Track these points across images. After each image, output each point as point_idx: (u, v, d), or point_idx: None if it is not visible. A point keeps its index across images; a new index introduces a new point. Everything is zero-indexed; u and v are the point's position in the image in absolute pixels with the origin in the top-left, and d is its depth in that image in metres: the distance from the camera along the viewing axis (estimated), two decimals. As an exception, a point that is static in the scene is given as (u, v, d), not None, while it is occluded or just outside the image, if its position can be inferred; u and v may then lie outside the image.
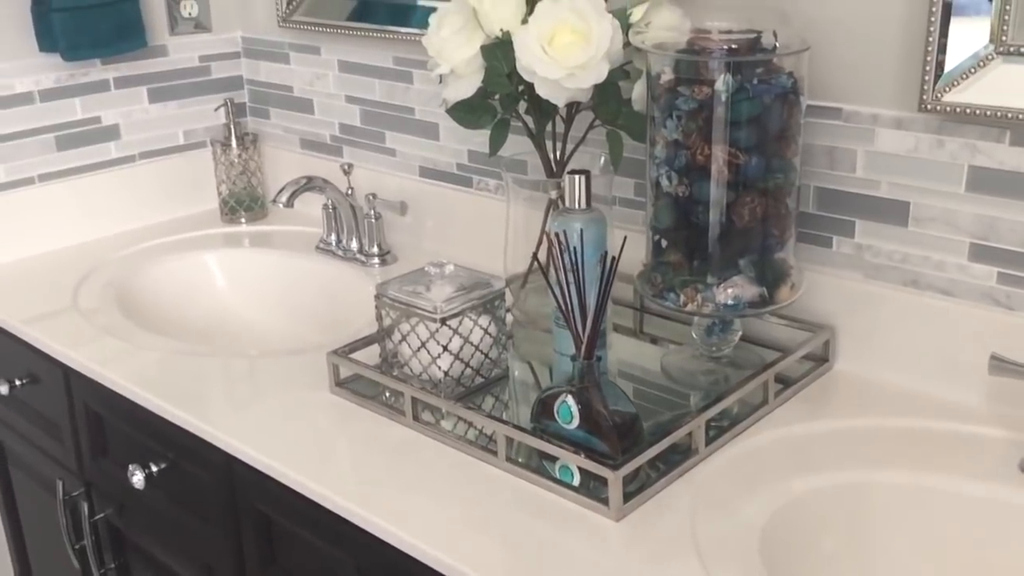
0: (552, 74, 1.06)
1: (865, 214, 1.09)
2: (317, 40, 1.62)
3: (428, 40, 1.16)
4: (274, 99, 1.72)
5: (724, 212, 1.01)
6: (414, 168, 1.55)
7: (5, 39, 1.46)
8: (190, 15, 1.67)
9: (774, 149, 1.00)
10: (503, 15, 1.10)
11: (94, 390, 1.23)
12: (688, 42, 1.00)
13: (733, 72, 0.97)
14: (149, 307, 1.45)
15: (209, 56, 1.70)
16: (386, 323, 1.10)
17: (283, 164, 1.71)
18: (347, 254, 1.53)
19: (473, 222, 1.47)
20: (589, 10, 1.05)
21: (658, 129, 1.03)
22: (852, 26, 1.05)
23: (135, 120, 1.63)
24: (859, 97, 1.06)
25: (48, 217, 1.55)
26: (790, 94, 0.99)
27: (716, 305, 1.03)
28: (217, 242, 1.62)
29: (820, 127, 1.09)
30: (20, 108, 1.50)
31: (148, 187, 1.66)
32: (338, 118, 1.63)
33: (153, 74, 1.64)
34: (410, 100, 1.52)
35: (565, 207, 1.08)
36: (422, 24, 1.44)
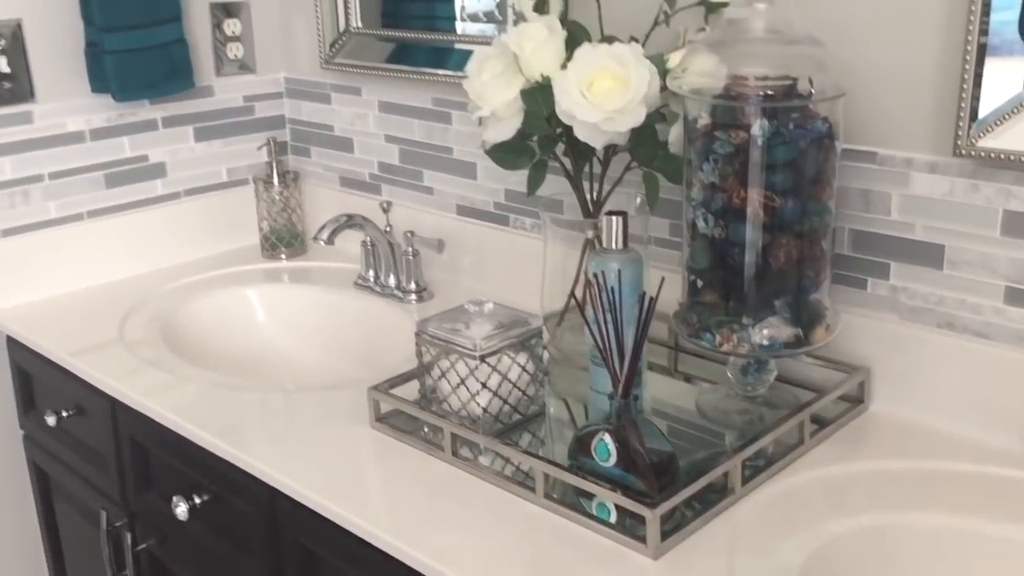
0: (591, 118, 1.08)
1: (900, 256, 1.10)
2: (358, 81, 1.66)
3: (469, 84, 1.19)
4: (315, 138, 1.77)
5: (760, 254, 1.02)
6: (451, 206, 1.58)
7: (59, 80, 1.52)
8: (236, 57, 1.72)
9: (809, 192, 1.02)
10: (544, 60, 1.13)
11: (139, 422, 1.26)
12: (725, 88, 1.02)
13: (769, 117, 0.99)
14: (192, 340, 1.48)
15: (253, 96, 1.75)
16: (426, 359, 1.12)
17: (323, 201, 1.75)
18: (385, 290, 1.55)
19: (509, 260, 1.49)
20: (627, 56, 1.08)
21: (695, 172, 1.05)
22: (887, 71, 1.07)
23: (181, 158, 1.68)
24: (894, 141, 1.08)
25: (96, 252, 1.59)
26: (825, 139, 1.01)
27: (752, 346, 1.04)
28: (258, 277, 1.66)
29: (855, 170, 1.10)
30: (72, 146, 1.55)
31: (192, 223, 1.70)
32: (377, 157, 1.67)
33: (199, 113, 1.69)
34: (448, 140, 1.55)
35: (602, 247, 1.11)
36: (459, 66, 1.49)
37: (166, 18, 1.55)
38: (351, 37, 1.64)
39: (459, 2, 1.53)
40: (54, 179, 1.54)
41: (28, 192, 1.52)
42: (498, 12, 1.48)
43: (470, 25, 1.52)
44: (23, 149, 1.50)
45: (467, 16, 1.53)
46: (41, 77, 1.50)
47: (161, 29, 1.54)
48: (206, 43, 1.67)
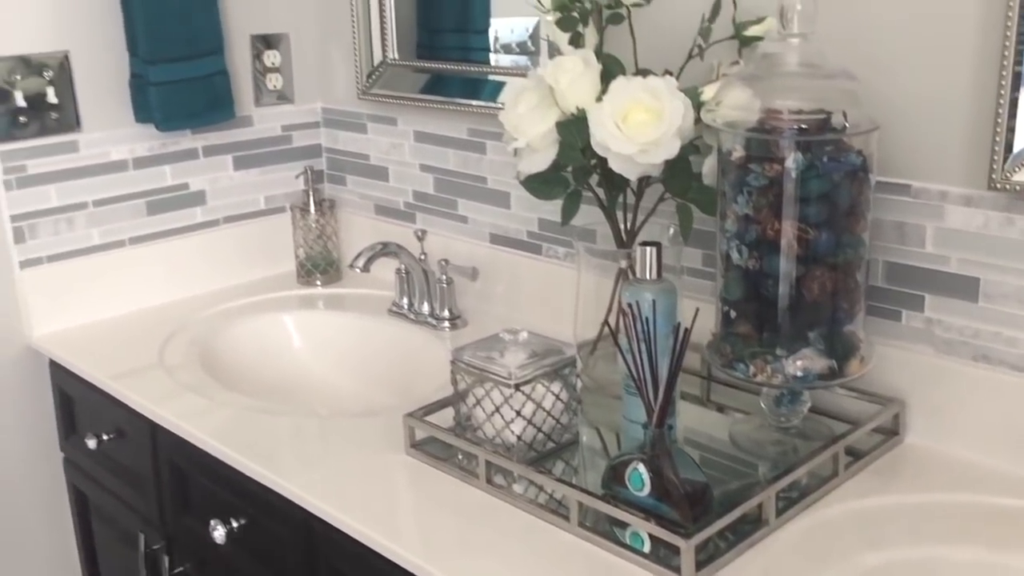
0: (625, 150, 1.10)
1: (935, 289, 1.10)
2: (394, 111, 1.69)
3: (505, 116, 1.21)
4: (351, 167, 1.79)
5: (794, 286, 1.03)
6: (485, 235, 1.59)
7: (105, 110, 1.56)
8: (275, 87, 1.76)
9: (843, 225, 1.03)
10: (579, 93, 1.14)
11: (178, 445, 1.28)
12: (759, 121, 1.03)
13: (803, 151, 1.00)
14: (230, 365, 1.50)
15: (291, 126, 1.79)
16: (461, 387, 1.14)
17: (358, 229, 1.78)
18: (419, 317, 1.57)
19: (542, 288, 1.51)
20: (662, 89, 1.10)
21: (729, 204, 1.06)
22: (921, 104, 1.07)
23: (220, 186, 1.71)
24: (928, 174, 1.08)
25: (137, 278, 1.63)
26: (859, 172, 1.02)
27: (786, 377, 1.05)
28: (293, 304, 1.68)
29: (889, 203, 1.11)
30: (115, 175, 1.59)
31: (230, 250, 1.73)
32: (412, 185, 1.70)
33: (238, 143, 1.72)
34: (483, 169, 1.57)
35: (636, 277, 1.12)
36: (492, 97, 1.51)
37: (208, 50, 1.59)
38: (387, 68, 1.67)
39: (493, 33, 1.56)
40: (98, 206, 1.58)
41: (72, 219, 1.55)
42: (531, 43, 1.51)
43: (503, 57, 1.54)
44: (69, 177, 1.54)
45: (500, 47, 1.55)
46: (87, 107, 1.54)
47: (204, 61, 1.58)
48: (246, 74, 1.71)
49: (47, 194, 1.52)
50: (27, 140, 1.49)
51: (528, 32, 1.50)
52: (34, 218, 1.51)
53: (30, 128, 1.49)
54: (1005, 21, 0.98)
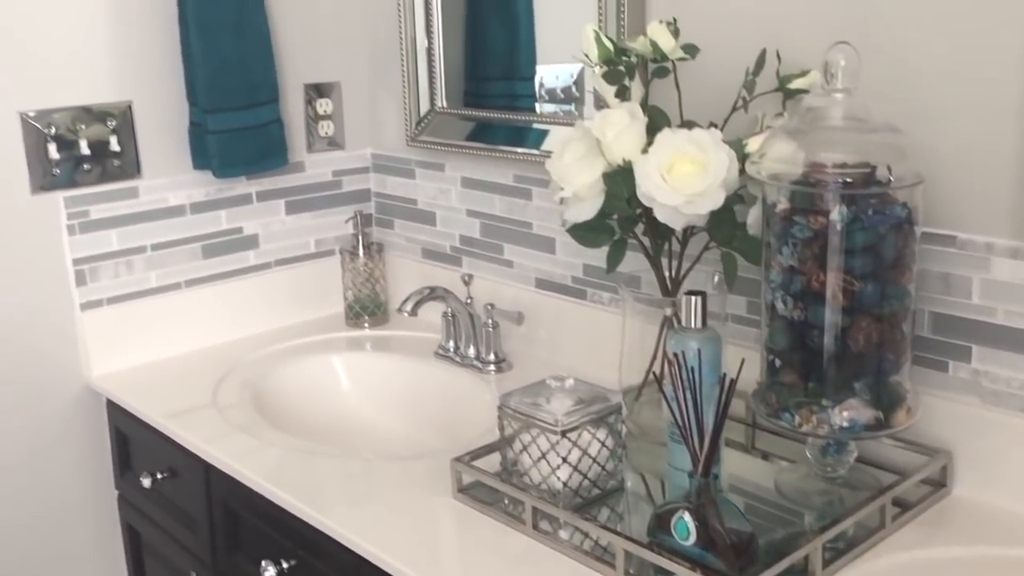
0: (671, 201, 1.12)
1: (981, 340, 1.10)
2: (442, 158, 1.72)
3: (551, 165, 1.24)
4: (399, 211, 1.83)
5: (839, 336, 1.04)
6: (530, 279, 1.62)
7: (164, 157, 1.61)
8: (326, 134, 1.81)
9: (889, 276, 1.03)
10: (625, 145, 1.17)
11: (231, 485, 1.31)
12: (803, 174, 1.05)
13: (848, 204, 1.01)
14: (280, 405, 1.54)
15: (341, 171, 1.83)
16: (508, 433, 1.15)
17: (405, 272, 1.81)
18: (464, 360, 1.59)
19: (586, 333, 1.52)
20: (707, 141, 1.12)
21: (773, 254, 1.08)
22: (966, 157, 1.08)
23: (273, 230, 1.76)
24: (974, 225, 1.09)
25: (192, 319, 1.67)
26: (904, 224, 1.03)
27: (832, 427, 1.05)
28: (342, 345, 1.72)
29: (935, 253, 1.12)
30: (173, 220, 1.64)
31: (281, 292, 1.77)
32: (459, 230, 1.73)
33: (291, 188, 1.77)
34: (528, 215, 1.60)
35: (681, 326, 1.13)
36: (537, 144, 1.55)
37: (265, 100, 1.64)
38: (435, 116, 1.71)
39: (538, 80, 1.59)
40: (155, 250, 1.63)
41: (132, 263, 1.61)
42: (575, 89, 1.54)
43: (548, 104, 1.57)
44: (129, 222, 1.59)
45: (545, 93, 1.58)
46: (148, 155, 1.60)
47: (260, 110, 1.63)
48: (299, 121, 1.76)
49: (108, 238, 1.58)
50: (90, 186, 1.55)
51: (572, 78, 1.53)
52: (95, 261, 1.57)
53: (93, 174, 1.55)
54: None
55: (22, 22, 1.45)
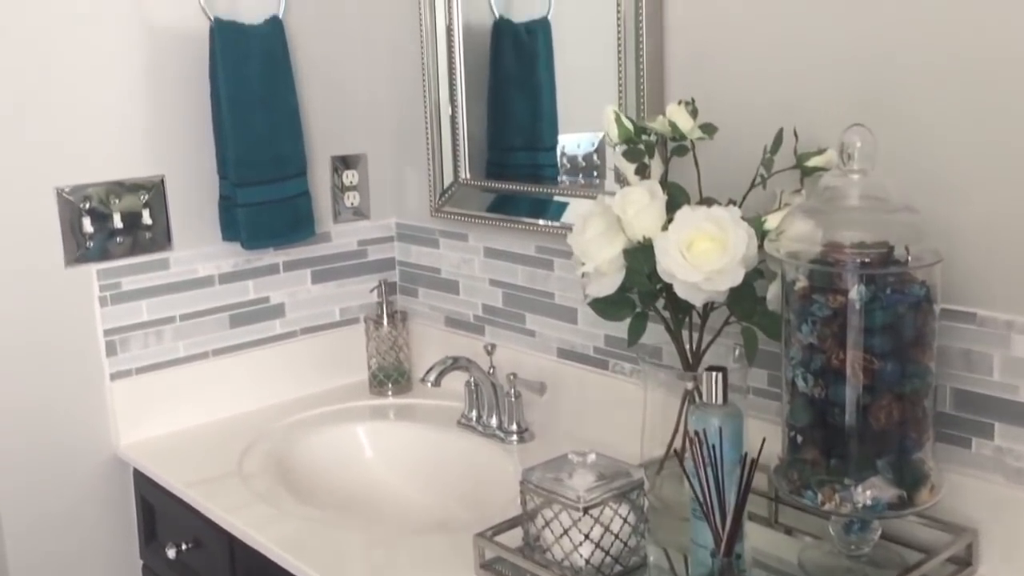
0: (690, 278, 1.13)
1: (1004, 417, 1.10)
2: (465, 228, 1.75)
3: (573, 240, 1.26)
4: (423, 279, 1.86)
5: (861, 414, 1.04)
6: (552, 349, 1.63)
7: (194, 230, 1.65)
8: (352, 204, 1.84)
9: (909, 355, 1.04)
10: (645, 223, 1.19)
11: (254, 557, 1.32)
12: (821, 252, 1.06)
13: (866, 283, 1.02)
14: (304, 474, 1.55)
15: (366, 240, 1.87)
16: (530, 508, 1.16)
17: (428, 340, 1.83)
18: (487, 430, 1.60)
19: (608, 404, 1.53)
20: (725, 218, 1.14)
21: (793, 332, 1.09)
22: (985, 234, 1.09)
23: (299, 299, 1.79)
24: (994, 302, 1.09)
25: (219, 388, 1.70)
26: (923, 302, 1.04)
27: (854, 506, 1.05)
28: (365, 414, 1.73)
29: (955, 330, 1.12)
30: (202, 290, 1.67)
31: (306, 360, 1.80)
32: (482, 299, 1.75)
33: (317, 258, 1.80)
34: (550, 285, 1.62)
35: (702, 402, 1.14)
36: (558, 215, 1.57)
37: (293, 173, 1.68)
38: (459, 188, 1.74)
39: (560, 151, 1.62)
40: (184, 320, 1.66)
41: (161, 333, 1.64)
42: (596, 157, 1.56)
43: (570, 175, 1.60)
44: (159, 293, 1.63)
45: (567, 161, 1.62)
46: (178, 227, 1.64)
47: (288, 184, 1.67)
48: (326, 192, 1.80)
49: (139, 309, 1.61)
50: (122, 259, 1.59)
51: (594, 146, 1.57)
52: (126, 332, 1.60)
53: (125, 246, 1.59)
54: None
55: (60, 100, 1.51)
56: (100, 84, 1.54)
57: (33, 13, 1.47)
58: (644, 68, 1.38)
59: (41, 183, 1.51)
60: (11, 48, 1.46)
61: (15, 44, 1.46)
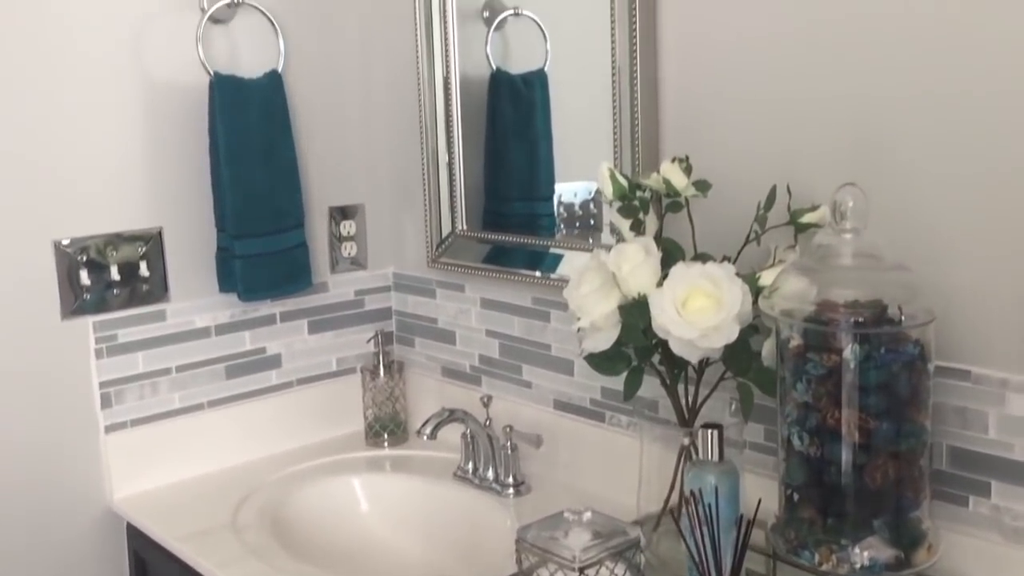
0: (686, 334, 1.14)
1: (1001, 476, 1.09)
2: (462, 278, 1.76)
3: (569, 295, 1.27)
4: (420, 329, 1.86)
5: (857, 474, 1.04)
6: (549, 400, 1.63)
7: (191, 281, 1.66)
8: (349, 255, 1.85)
9: (904, 414, 1.04)
10: (640, 280, 1.19)
11: (247, 615, 1.31)
12: (816, 311, 1.07)
13: (860, 342, 1.02)
14: (299, 527, 1.54)
15: (363, 290, 1.87)
16: (526, 566, 1.15)
17: (425, 391, 1.83)
18: (483, 483, 1.60)
19: (605, 456, 1.52)
20: (720, 275, 1.14)
21: (788, 389, 1.09)
22: (977, 292, 1.10)
23: (295, 350, 1.79)
24: (988, 360, 1.09)
25: (214, 440, 1.69)
26: (917, 361, 1.04)
27: (852, 566, 1.04)
28: (361, 466, 1.72)
29: (951, 387, 1.12)
30: (198, 341, 1.67)
31: (302, 411, 1.79)
32: (478, 350, 1.75)
33: (314, 308, 1.80)
34: (547, 337, 1.62)
35: (698, 459, 1.14)
36: (553, 267, 1.58)
37: (291, 225, 1.69)
38: (456, 239, 1.75)
39: (557, 200, 1.63)
40: (180, 372, 1.66)
41: (156, 384, 1.63)
42: (593, 205, 1.57)
43: (567, 225, 1.61)
44: (155, 345, 1.63)
45: (564, 210, 1.62)
46: (175, 278, 1.64)
47: (286, 235, 1.68)
48: (323, 243, 1.81)
49: (134, 361, 1.61)
50: (119, 311, 1.59)
51: (591, 195, 1.58)
52: (121, 384, 1.60)
53: (122, 298, 1.59)
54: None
55: (59, 152, 1.52)
56: (100, 137, 1.55)
57: (34, 66, 1.48)
58: (639, 121, 1.39)
59: (39, 236, 1.51)
60: (11, 100, 1.47)
61: (15, 96, 1.47)
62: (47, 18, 1.49)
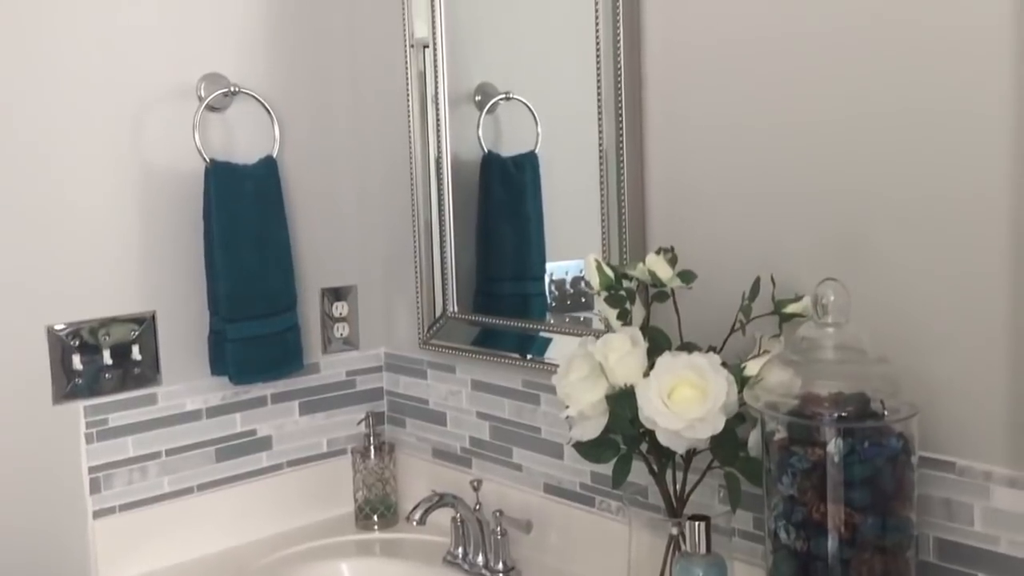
0: (672, 425, 1.15)
1: (987, 569, 1.09)
2: (453, 360, 1.77)
3: (557, 382, 1.28)
4: (411, 410, 1.86)
5: (844, 568, 1.04)
6: (539, 484, 1.63)
7: (183, 364, 1.66)
8: (342, 335, 1.86)
9: (889, 508, 1.04)
10: (627, 370, 1.21)
11: None
12: (800, 403, 1.08)
13: (844, 436, 1.03)
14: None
15: (355, 370, 1.88)
16: (513, 661, 1.14)
17: (416, 472, 1.82)
18: (473, 568, 1.58)
19: (595, 542, 1.52)
20: (705, 366, 1.16)
21: (774, 483, 1.09)
22: (960, 385, 1.11)
23: (286, 431, 1.79)
24: (972, 452, 1.10)
25: (204, 523, 1.68)
26: (901, 455, 1.05)
27: (841, 664, 1.04)
28: (351, 550, 1.71)
29: (936, 479, 1.13)
30: (189, 424, 1.67)
31: (292, 494, 1.78)
32: (469, 431, 1.75)
33: (305, 389, 1.81)
34: (537, 420, 1.62)
35: (686, 551, 1.13)
36: (543, 350, 1.59)
37: (284, 308, 1.70)
38: (447, 320, 1.77)
39: (548, 279, 1.65)
40: (170, 455, 1.65)
41: (146, 469, 1.63)
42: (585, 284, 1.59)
43: (559, 304, 1.63)
44: (146, 428, 1.63)
45: (555, 289, 1.64)
46: (167, 362, 1.65)
47: (278, 318, 1.69)
48: (315, 324, 1.82)
49: (124, 445, 1.61)
50: (110, 395, 1.59)
51: (582, 272, 1.59)
52: (110, 469, 1.59)
53: (113, 382, 1.60)
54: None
55: (55, 238, 1.53)
56: (97, 223, 1.57)
57: (32, 151, 1.51)
58: (626, 208, 1.41)
59: (33, 321, 1.52)
60: (8, 185, 1.49)
61: (13, 180, 1.49)
62: (47, 104, 1.52)
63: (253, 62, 1.71)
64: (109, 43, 1.57)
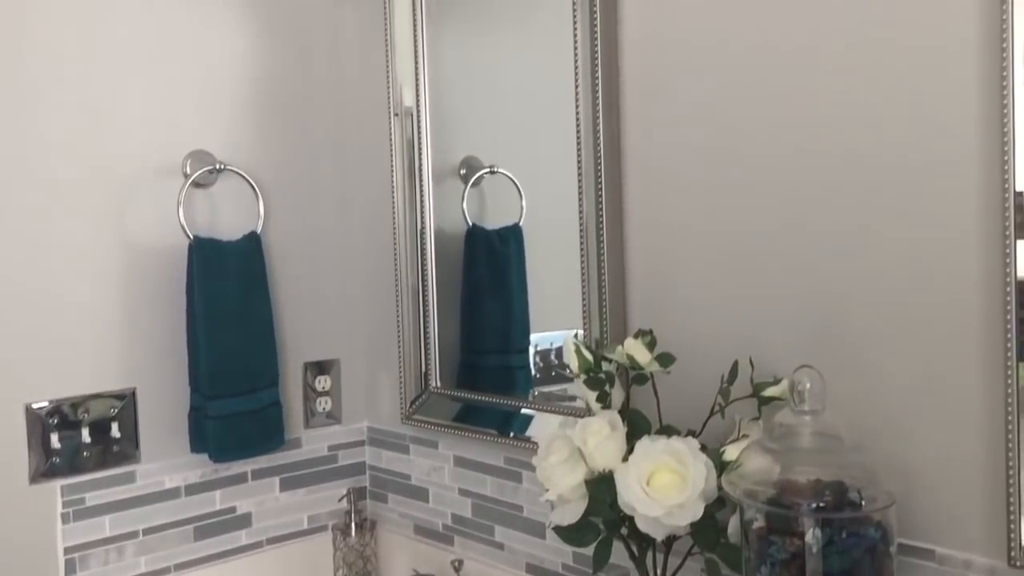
0: (651, 512, 1.14)
1: (972, 660, 1.08)
2: (435, 435, 1.76)
3: (537, 464, 1.27)
4: (393, 485, 1.85)
5: (825, 663, 1.02)
6: (521, 564, 1.61)
7: (163, 442, 1.65)
8: (324, 410, 1.85)
9: (869, 599, 1.04)
10: (606, 455, 1.20)
11: None
12: (778, 491, 1.07)
13: (822, 526, 1.03)
14: None
15: (337, 445, 1.86)
16: None
17: (397, 550, 1.80)
18: (454, 651, 1.56)
19: (578, 624, 1.50)
20: (684, 451, 1.15)
21: (753, 572, 1.08)
22: (937, 472, 1.11)
23: (266, 508, 1.77)
24: (951, 540, 1.10)
25: (179, 605, 1.66)
26: (879, 545, 1.04)
27: None
28: (331, 633, 1.68)
29: (916, 567, 1.12)
30: (167, 503, 1.65)
31: (271, 572, 1.76)
32: (451, 508, 1.73)
33: (286, 464, 1.79)
34: (519, 498, 1.61)
35: (667, 641, 1.12)
36: (524, 427, 1.59)
37: (265, 384, 1.70)
38: (430, 396, 1.76)
39: (533, 349, 1.65)
40: (147, 535, 1.63)
41: (122, 548, 1.61)
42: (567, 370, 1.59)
43: (543, 376, 1.62)
44: (124, 507, 1.61)
45: (540, 359, 1.64)
46: (147, 439, 1.63)
47: (260, 395, 1.68)
48: (298, 398, 1.81)
49: (101, 525, 1.58)
50: (88, 473, 1.57)
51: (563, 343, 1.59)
52: (86, 549, 1.57)
53: (92, 460, 1.58)
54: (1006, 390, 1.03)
55: (37, 316, 1.53)
56: (78, 300, 1.57)
57: (14, 227, 1.51)
58: (607, 289, 1.42)
59: (11, 399, 1.51)
60: (-11, 267, 1.49)
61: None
62: (31, 181, 1.52)
63: (239, 138, 1.73)
64: (95, 119, 1.58)
